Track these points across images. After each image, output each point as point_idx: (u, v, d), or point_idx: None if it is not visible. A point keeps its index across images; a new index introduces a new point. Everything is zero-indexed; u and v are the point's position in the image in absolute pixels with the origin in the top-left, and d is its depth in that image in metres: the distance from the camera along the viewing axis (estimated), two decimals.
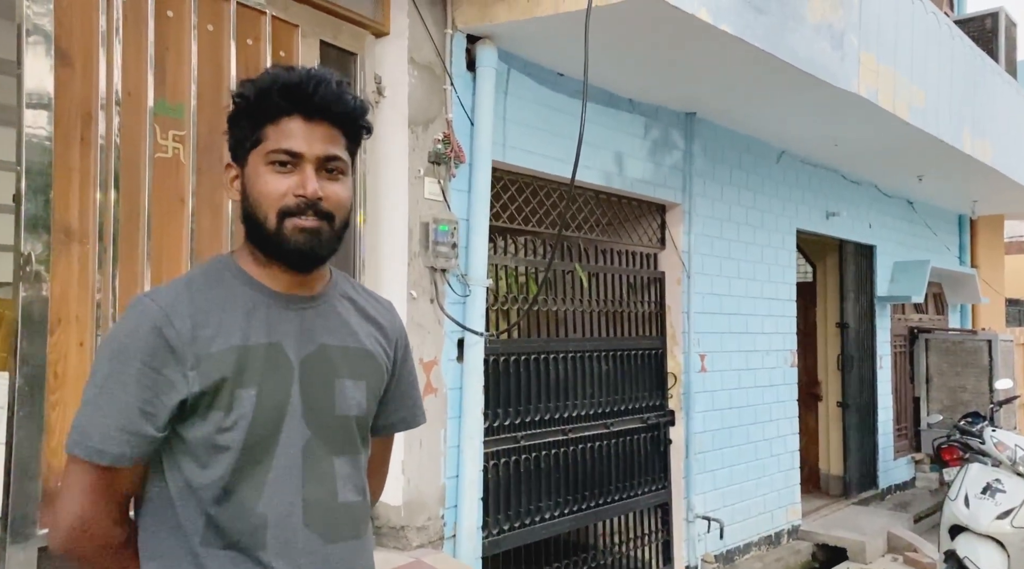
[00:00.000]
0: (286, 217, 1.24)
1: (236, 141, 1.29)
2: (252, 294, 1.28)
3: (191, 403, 1.20)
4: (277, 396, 1.25)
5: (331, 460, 1.29)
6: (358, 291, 1.44)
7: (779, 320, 5.90)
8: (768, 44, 3.74)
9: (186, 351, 1.20)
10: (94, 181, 2.43)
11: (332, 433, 1.30)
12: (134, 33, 2.53)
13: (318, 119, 1.26)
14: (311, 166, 1.25)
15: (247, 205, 1.27)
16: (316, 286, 1.35)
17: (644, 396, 4.80)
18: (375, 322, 1.42)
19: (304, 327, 1.30)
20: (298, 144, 1.24)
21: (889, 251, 7.48)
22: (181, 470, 1.23)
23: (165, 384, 1.19)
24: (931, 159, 6.15)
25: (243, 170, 1.29)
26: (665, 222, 4.97)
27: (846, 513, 6.73)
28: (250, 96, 1.26)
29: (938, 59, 5.56)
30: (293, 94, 1.24)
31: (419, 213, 3.33)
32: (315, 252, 1.27)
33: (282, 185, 1.24)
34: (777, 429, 5.87)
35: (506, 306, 3.93)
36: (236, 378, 1.21)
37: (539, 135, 3.91)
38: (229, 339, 1.23)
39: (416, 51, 3.37)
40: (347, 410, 1.32)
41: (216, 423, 1.21)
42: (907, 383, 8.24)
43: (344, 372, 1.32)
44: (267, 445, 1.23)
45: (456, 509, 3.50)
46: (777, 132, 5.46)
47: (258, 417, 1.22)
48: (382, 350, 1.41)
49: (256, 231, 1.27)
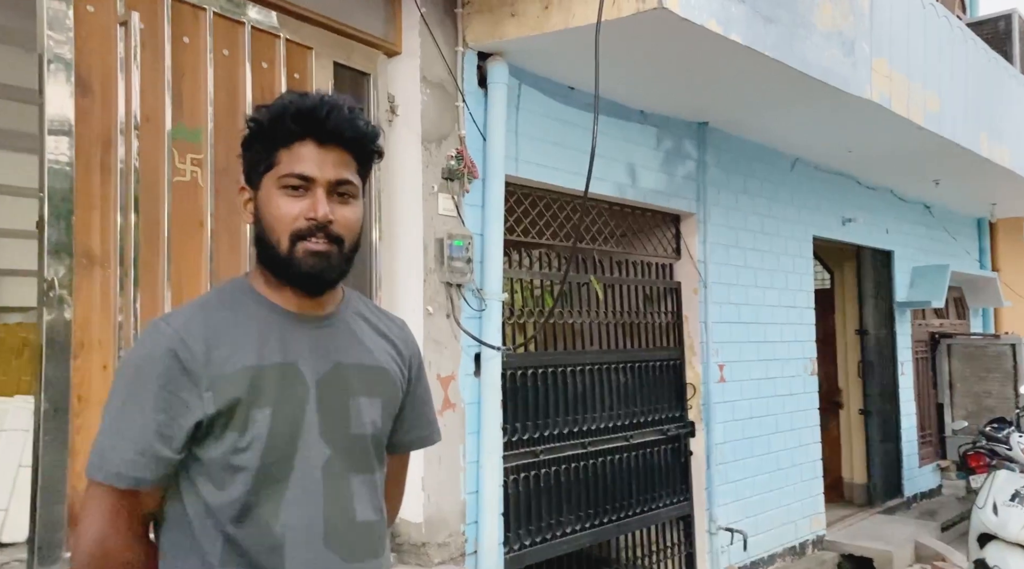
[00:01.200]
0: (298, 241, 1.26)
1: (250, 165, 1.32)
2: (266, 315, 1.30)
3: (207, 424, 1.22)
4: (292, 415, 1.26)
5: (349, 479, 1.30)
6: (371, 309, 1.46)
7: (798, 328, 5.87)
8: (778, 53, 3.74)
9: (201, 373, 1.22)
10: (114, 206, 2.46)
11: (349, 452, 1.31)
12: (151, 60, 2.57)
13: (330, 144, 1.28)
14: (322, 190, 1.27)
15: (260, 228, 1.30)
16: (329, 305, 1.37)
17: (663, 408, 4.78)
18: (389, 339, 1.43)
19: (318, 346, 1.32)
20: (310, 168, 1.26)
21: (908, 256, 7.43)
22: (199, 491, 1.24)
23: (181, 406, 1.21)
24: (948, 163, 6.11)
25: (256, 193, 1.31)
26: (680, 232, 4.96)
27: (871, 522, 6.65)
28: (264, 121, 1.28)
29: (952, 63, 5.54)
30: (306, 119, 1.26)
31: (434, 229, 3.35)
32: (325, 275, 1.29)
33: (294, 209, 1.26)
34: (799, 438, 5.83)
35: (522, 320, 3.94)
36: (250, 398, 1.23)
37: (552, 149, 3.93)
38: (243, 360, 1.24)
39: (428, 69, 3.41)
40: (362, 428, 1.33)
41: (232, 444, 1.22)
42: (930, 389, 8.15)
43: (359, 390, 1.34)
44: (284, 464, 1.24)
45: (477, 525, 3.50)
46: (790, 140, 5.45)
47: (273, 437, 1.23)
48: (396, 367, 1.42)
49: (268, 253, 1.29)
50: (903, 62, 4.82)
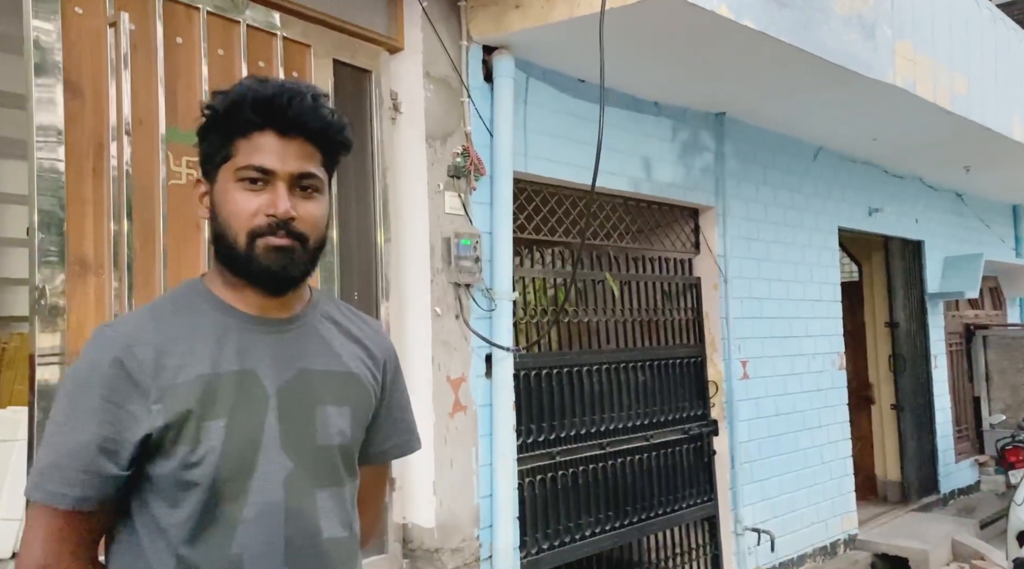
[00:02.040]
0: (257, 237, 1.18)
1: (206, 156, 1.24)
2: (223, 319, 1.22)
3: (155, 438, 1.14)
4: (250, 427, 1.18)
5: (314, 493, 1.22)
6: (343, 311, 1.38)
7: (824, 322, 5.71)
8: (794, 38, 3.61)
9: (149, 383, 1.14)
10: (108, 211, 2.42)
11: (314, 464, 1.22)
12: (143, 62, 2.52)
13: (292, 134, 1.19)
14: (284, 184, 1.19)
15: (216, 224, 1.22)
16: (293, 307, 1.28)
17: (684, 406, 4.66)
18: (360, 343, 1.35)
19: (281, 352, 1.23)
20: (270, 160, 1.18)
21: (939, 246, 7.21)
22: (149, 509, 1.16)
23: (128, 419, 1.13)
24: (978, 148, 5.91)
25: (212, 187, 1.23)
26: (699, 226, 4.84)
27: (906, 520, 6.46)
28: (220, 109, 1.20)
29: (980, 44, 5.34)
30: (266, 107, 1.18)
31: (440, 228, 3.28)
32: (287, 273, 1.21)
33: (252, 204, 1.18)
34: (827, 435, 5.67)
35: (535, 319, 3.85)
36: (203, 409, 1.15)
37: (562, 143, 3.84)
38: (196, 368, 1.16)
39: (431, 65, 3.33)
40: (329, 439, 1.24)
41: (182, 458, 1.14)
42: (965, 382, 7.92)
43: (327, 398, 1.25)
44: (241, 480, 1.16)
45: (491, 529, 3.42)
46: (812, 129, 5.30)
47: (228, 450, 1.15)
48: (369, 373, 1.33)
49: (226, 252, 1.21)
50: (928, 45, 4.65)
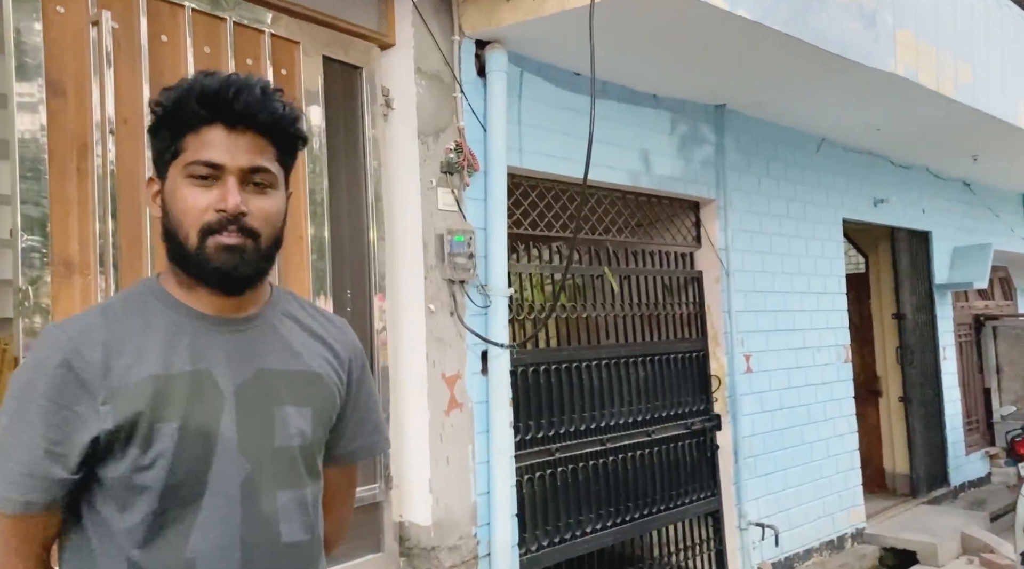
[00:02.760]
0: (208, 235, 1.15)
1: (156, 153, 1.22)
2: (176, 318, 1.20)
3: (104, 441, 1.12)
4: (204, 429, 1.15)
5: (274, 496, 1.19)
6: (306, 309, 1.35)
7: (829, 314, 5.65)
8: (792, 28, 3.56)
9: (98, 384, 1.12)
10: (93, 211, 2.40)
11: (273, 466, 1.20)
12: (127, 60, 2.51)
13: (242, 128, 1.17)
14: (233, 178, 1.17)
15: (167, 222, 1.19)
16: (251, 307, 1.26)
17: (687, 401, 4.62)
18: (323, 341, 1.32)
19: (237, 351, 1.21)
20: (219, 155, 1.16)
21: (947, 236, 7.13)
22: (100, 514, 1.14)
23: (75, 421, 1.11)
24: (985, 137, 5.82)
25: (163, 184, 1.21)
26: (700, 219, 4.79)
27: (915, 513, 6.40)
28: (167, 104, 1.18)
29: (985, 30, 5.26)
30: (212, 101, 1.16)
31: (433, 225, 3.25)
32: (239, 272, 1.18)
33: (202, 200, 1.16)
34: (833, 428, 5.62)
35: (533, 315, 3.82)
36: (154, 411, 1.12)
37: (557, 138, 3.80)
38: (147, 368, 1.14)
39: (423, 60, 3.30)
40: (288, 440, 1.22)
41: (133, 461, 1.12)
42: (975, 374, 7.84)
43: (286, 398, 1.23)
44: (196, 483, 1.14)
45: (489, 527, 3.40)
46: (814, 119, 5.24)
47: (181, 453, 1.13)
48: (332, 371, 1.31)
49: (177, 251, 1.19)
50: (931, 32, 4.58)
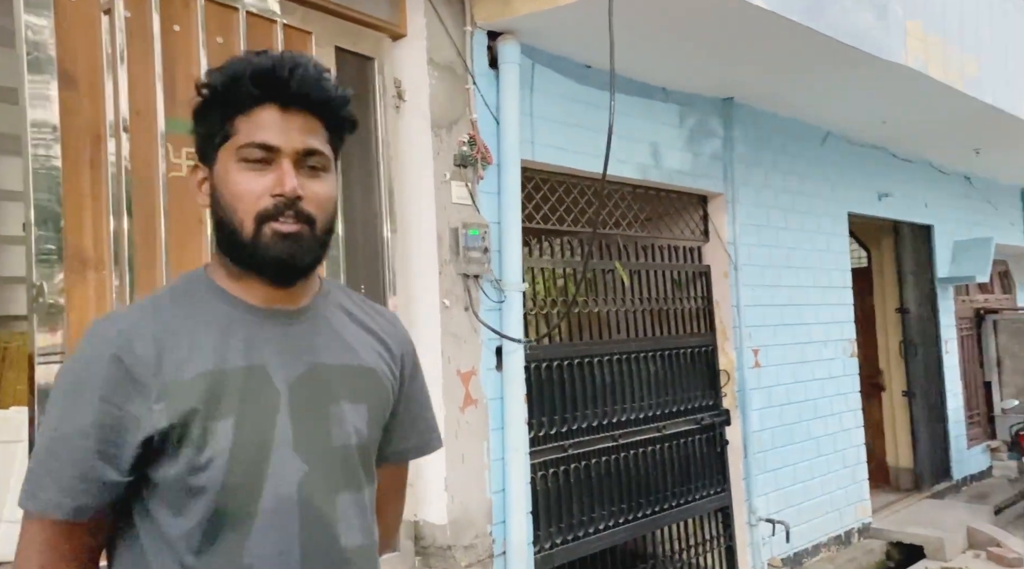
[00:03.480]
0: (264, 222, 1.09)
1: (203, 138, 1.15)
2: (228, 310, 1.13)
3: (159, 440, 1.05)
4: (260, 426, 1.09)
5: (332, 498, 1.13)
6: (355, 301, 1.29)
7: (835, 309, 5.63)
8: (806, 18, 3.53)
9: (150, 381, 1.05)
10: (107, 205, 2.35)
11: (330, 467, 1.14)
12: (140, 50, 2.45)
13: (295, 108, 1.11)
14: (289, 161, 1.10)
15: (219, 211, 1.13)
16: (302, 298, 1.19)
17: (696, 396, 4.59)
18: (375, 335, 1.26)
19: (291, 345, 1.15)
20: (273, 136, 1.10)
21: (948, 230, 7.13)
22: (153, 518, 1.08)
23: (128, 421, 1.05)
24: (989, 130, 5.81)
25: (212, 171, 1.14)
26: (707, 213, 4.76)
27: (920, 508, 6.40)
28: (217, 85, 1.11)
29: (990, 23, 5.25)
30: (266, 80, 1.09)
31: (447, 219, 3.20)
32: (296, 262, 1.12)
33: (257, 185, 1.09)
34: (840, 423, 5.60)
35: (546, 310, 3.78)
36: (209, 409, 1.06)
37: (569, 131, 3.75)
38: (200, 364, 1.08)
39: (435, 51, 3.25)
40: (346, 439, 1.16)
41: (188, 462, 1.05)
42: (976, 367, 7.85)
43: (342, 395, 1.17)
44: (253, 484, 1.08)
45: (504, 525, 3.36)
46: (821, 112, 5.21)
47: (238, 452, 1.07)
48: (386, 367, 1.25)
49: (230, 240, 1.12)
50: (939, 24, 4.56)
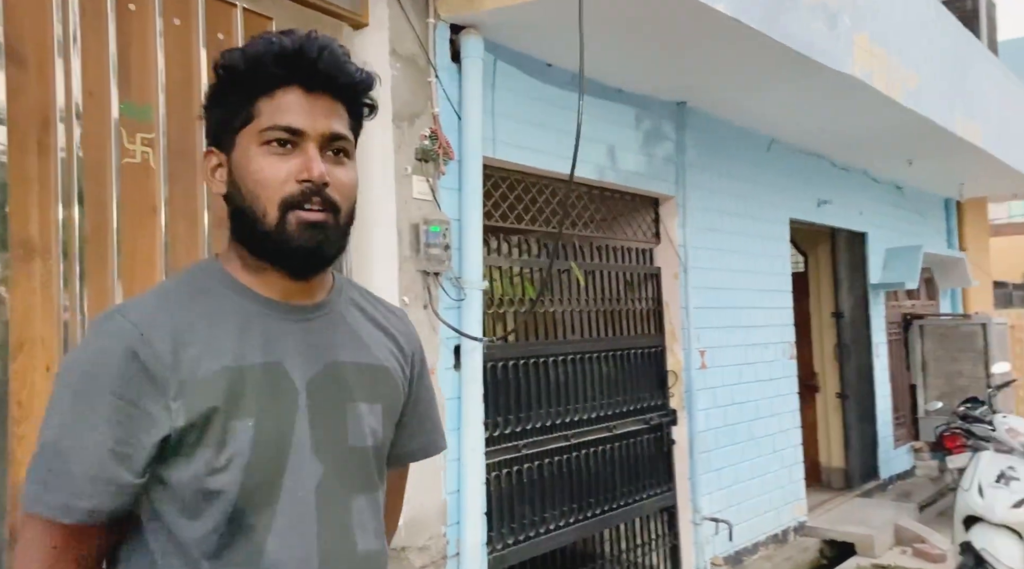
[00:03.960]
0: (289, 209, 1.03)
1: (220, 121, 1.09)
2: (245, 304, 1.07)
3: (175, 440, 0.99)
4: (279, 426, 1.04)
5: (348, 501, 1.09)
6: (367, 298, 1.24)
7: (776, 312, 5.77)
8: (764, 25, 3.59)
9: (168, 377, 0.99)
10: (55, 191, 2.22)
11: (347, 468, 1.09)
12: (94, 30, 2.32)
13: (319, 91, 1.06)
14: (314, 145, 1.05)
15: (238, 198, 1.06)
16: (319, 293, 1.14)
17: (645, 396, 4.64)
18: (387, 333, 1.21)
19: (309, 342, 1.09)
20: (299, 119, 1.04)
21: (881, 237, 7.38)
22: (164, 522, 1.01)
23: (143, 419, 0.98)
24: (922, 142, 6.05)
25: (230, 156, 1.07)
26: (659, 216, 4.81)
27: (851, 506, 6.61)
28: (239, 65, 1.05)
29: (928, 39, 5.45)
30: (292, 60, 1.04)
31: (408, 214, 3.15)
32: (322, 251, 1.06)
33: (281, 170, 1.04)
34: (779, 423, 5.74)
35: (502, 309, 3.75)
36: (229, 407, 1.00)
37: (529, 129, 3.74)
38: (219, 360, 1.02)
39: (398, 42, 3.19)
40: (362, 440, 1.11)
41: (206, 463, 0.99)
42: (903, 371, 8.15)
43: (358, 394, 1.12)
44: (270, 486, 1.02)
45: (459, 525, 3.32)
46: (768, 120, 5.32)
47: (257, 453, 1.01)
48: (398, 365, 1.20)
49: (251, 229, 1.06)
50: (882, 37, 4.71)
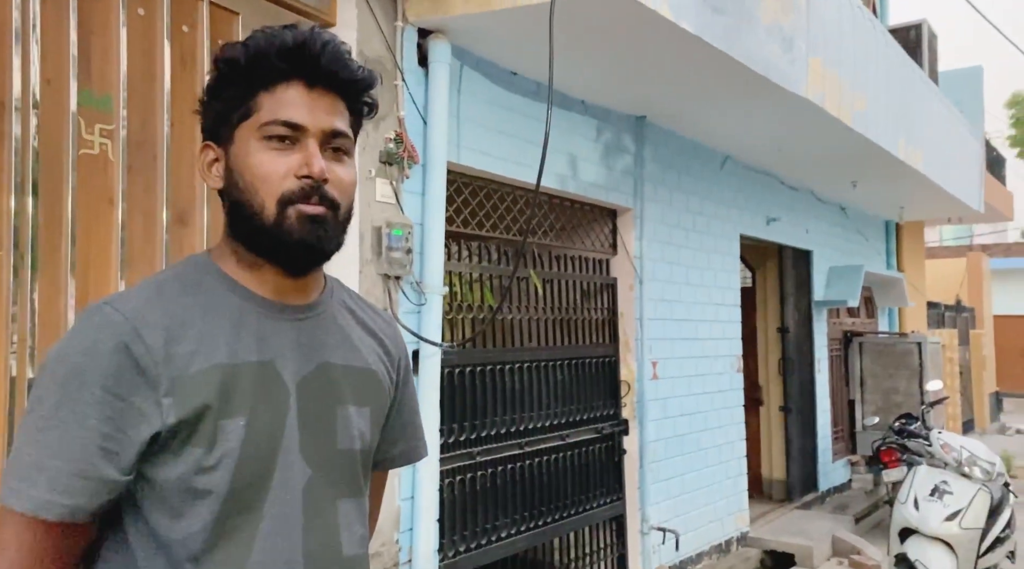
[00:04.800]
0: (288, 204, 1.02)
1: (218, 115, 1.07)
2: (239, 302, 1.05)
3: (164, 437, 0.96)
4: (270, 426, 1.02)
5: (335, 504, 1.07)
6: (355, 301, 1.23)
7: (725, 326, 5.87)
8: (725, 44, 3.67)
9: (159, 372, 0.96)
10: (8, 181, 2.14)
11: (334, 472, 1.08)
12: (54, 15, 2.25)
13: (321, 87, 1.05)
14: (315, 141, 1.04)
15: (236, 192, 1.05)
16: (312, 292, 1.13)
17: (598, 406, 4.67)
18: (376, 336, 1.20)
19: (300, 342, 1.08)
20: (300, 114, 1.03)
21: (825, 256, 7.59)
22: (147, 521, 0.99)
23: (133, 414, 0.95)
24: (868, 165, 6.25)
25: (228, 150, 1.06)
26: (617, 227, 4.86)
27: (791, 517, 6.75)
28: (240, 58, 1.03)
29: (876, 66, 5.64)
30: (295, 55, 1.03)
31: (371, 217, 3.12)
32: (321, 246, 1.05)
33: (281, 165, 1.02)
34: (725, 435, 5.84)
35: (460, 315, 3.74)
36: (221, 405, 0.98)
37: (493, 136, 3.74)
38: (212, 357, 1.00)
39: (365, 44, 3.16)
40: (350, 443, 1.10)
41: (195, 462, 0.97)
42: (842, 386, 8.38)
43: (347, 397, 1.11)
44: (258, 488, 1.00)
45: (412, 532, 3.29)
46: (723, 137, 5.44)
47: (247, 453, 0.99)
48: (384, 369, 1.19)
49: (248, 224, 1.04)
50: (835, 62, 4.85)
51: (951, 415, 10.43)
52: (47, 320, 2.19)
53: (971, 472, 4.81)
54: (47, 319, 2.19)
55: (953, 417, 10.66)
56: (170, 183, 2.50)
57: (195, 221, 2.56)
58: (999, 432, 13.64)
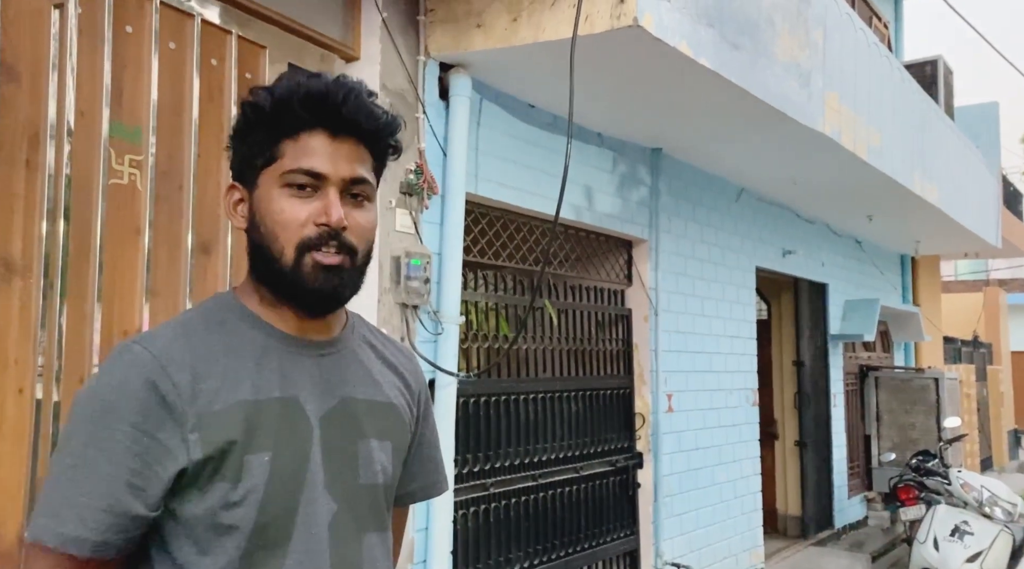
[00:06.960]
0: (306, 251, 1.05)
1: (244, 159, 1.10)
2: (262, 338, 1.08)
3: (191, 473, 0.98)
4: (295, 462, 1.04)
5: (360, 539, 1.08)
6: (376, 335, 1.25)
7: (741, 358, 5.85)
8: (743, 80, 3.71)
9: (186, 409, 0.99)
10: (40, 209, 2.18)
11: (358, 506, 1.09)
12: (89, 48, 2.31)
13: (344, 135, 1.07)
14: (335, 189, 1.06)
15: (257, 236, 1.08)
16: (334, 328, 1.15)
17: (613, 438, 4.65)
18: (396, 371, 1.22)
19: (323, 377, 1.10)
20: (322, 163, 1.06)
21: (841, 289, 7.57)
22: (173, 558, 1.00)
23: (160, 451, 0.97)
24: (883, 199, 6.25)
25: (252, 193, 1.09)
26: (632, 258, 4.88)
27: (806, 554, 6.66)
28: (265, 106, 1.07)
29: (892, 101, 5.67)
30: (318, 105, 1.06)
31: (390, 246, 3.15)
32: (337, 294, 1.08)
33: (301, 212, 1.05)
34: (740, 470, 5.79)
35: (476, 344, 3.75)
36: (246, 440, 1.00)
37: (511, 168, 3.79)
38: (237, 392, 1.02)
39: (388, 77, 3.23)
40: (373, 478, 1.12)
41: (221, 497, 0.99)
42: (858, 421, 8.30)
43: (370, 431, 1.12)
44: (284, 523, 1.02)
45: (425, 564, 3.27)
46: (738, 170, 5.47)
47: (273, 489, 1.01)
48: (405, 403, 1.21)
49: (268, 267, 1.07)
50: (851, 97, 4.89)
51: (969, 452, 10.29)
52: (73, 345, 2.22)
53: (992, 512, 4.76)
54: (73, 344, 2.22)
55: (971, 454, 10.52)
56: (195, 213, 2.55)
57: (219, 251, 2.60)
58: (1019, 470, 13.43)
